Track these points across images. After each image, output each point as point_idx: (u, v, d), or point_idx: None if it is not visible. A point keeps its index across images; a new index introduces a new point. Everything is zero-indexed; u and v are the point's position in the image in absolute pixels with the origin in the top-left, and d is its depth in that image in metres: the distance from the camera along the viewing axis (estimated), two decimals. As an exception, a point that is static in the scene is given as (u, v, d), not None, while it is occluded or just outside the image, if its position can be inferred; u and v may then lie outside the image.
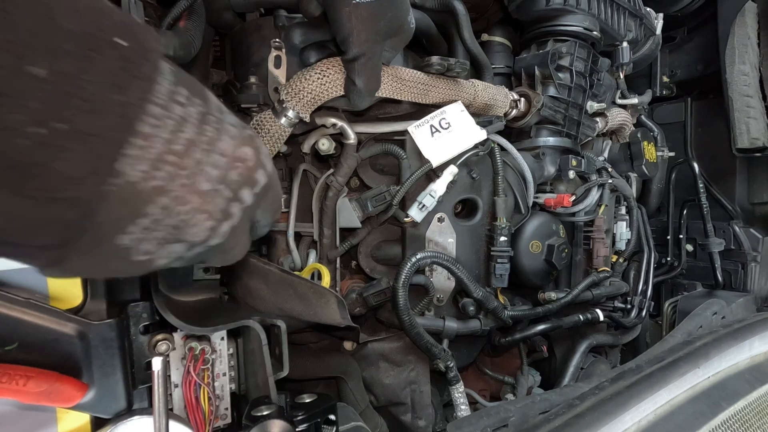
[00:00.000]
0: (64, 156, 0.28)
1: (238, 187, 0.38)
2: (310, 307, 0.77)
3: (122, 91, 0.29)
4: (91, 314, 0.61)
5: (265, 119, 0.80)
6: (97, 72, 0.28)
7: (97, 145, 0.28)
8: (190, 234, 0.36)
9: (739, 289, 1.50)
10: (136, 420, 0.61)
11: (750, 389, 0.85)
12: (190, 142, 0.34)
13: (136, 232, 0.33)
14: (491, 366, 1.31)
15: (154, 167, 0.31)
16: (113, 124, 0.29)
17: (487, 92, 1.02)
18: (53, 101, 0.27)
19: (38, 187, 0.27)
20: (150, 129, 0.31)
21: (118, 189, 0.30)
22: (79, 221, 0.30)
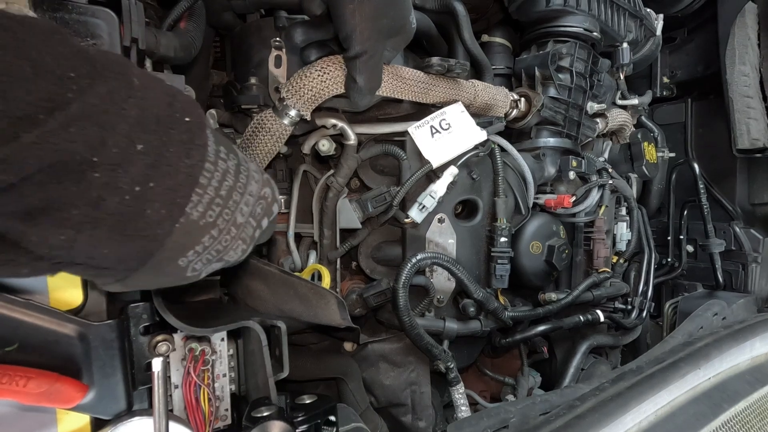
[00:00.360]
0: (152, 206, 0.39)
1: (261, 218, 0.51)
2: (311, 308, 0.77)
3: (189, 156, 0.41)
4: (91, 315, 0.60)
5: (266, 118, 0.80)
6: (174, 143, 0.40)
7: (173, 197, 0.40)
8: (228, 256, 0.48)
9: (739, 289, 1.50)
10: (136, 421, 0.61)
11: (751, 390, 0.85)
12: (231, 188, 0.45)
13: (191, 255, 0.44)
14: (492, 367, 1.31)
15: (207, 208, 0.43)
16: (183, 181, 0.40)
17: (487, 92, 1.02)
18: (148, 167, 0.37)
19: (134, 228, 0.38)
20: (205, 181, 0.42)
21: (184, 225, 0.41)
22: (154, 251, 0.41)
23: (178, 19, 0.83)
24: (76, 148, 0.34)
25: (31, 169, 0.32)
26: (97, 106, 0.35)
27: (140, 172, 0.37)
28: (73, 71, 0.34)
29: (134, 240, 0.39)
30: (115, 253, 0.39)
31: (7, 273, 0.39)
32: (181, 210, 0.41)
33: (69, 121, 0.33)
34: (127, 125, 0.36)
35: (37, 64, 0.32)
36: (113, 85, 0.36)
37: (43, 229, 0.35)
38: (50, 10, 0.57)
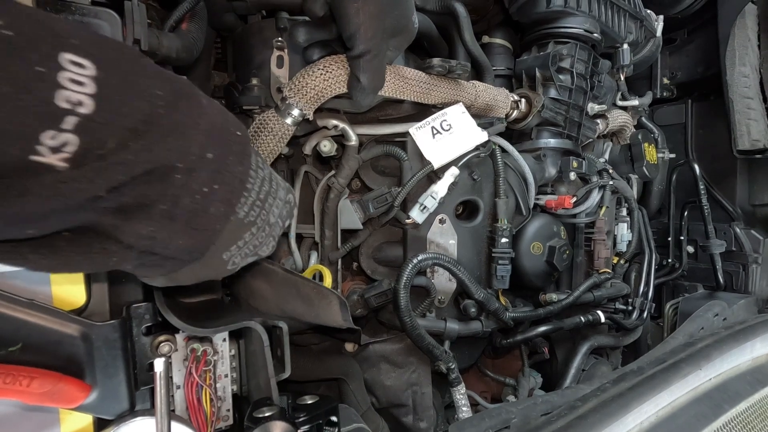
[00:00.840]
0: (214, 204, 0.45)
1: (286, 219, 0.58)
2: (312, 309, 0.77)
3: (242, 164, 0.47)
4: (94, 315, 0.61)
5: (269, 118, 0.80)
6: (232, 153, 0.46)
7: (229, 197, 0.46)
8: (261, 250, 0.55)
9: (740, 290, 1.50)
10: (138, 421, 0.61)
11: (752, 391, 0.85)
12: (267, 193, 0.52)
13: (234, 250, 0.50)
14: (492, 367, 1.31)
15: (251, 208, 0.50)
16: (237, 185, 0.47)
17: (488, 93, 1.02)
18: (213, 172, 0.44)
19: (200, 223, 0.44)
20: (250, 185, 0.49)
21: (232, 223, 0.48)
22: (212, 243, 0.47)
23: (179, 20, 0.83)
24: (170, 156, 0.40)
25: (136, 173, 0.38)
26: (182, 122, 0.41)
27: (207, 176, 0.43)
28: (161, 90, 0.40)
29: (200, 233, 0.45)
30: (185, 244, 0.45)
31: (99, 262, 0.43)
32: (233, 209, 0.47)
33: (165, 133, 0.39)
34: (202, 137, 0.42)
35: (135, 85, 0.37)
36: (190, 103, 0.43)
37: (135, 222, 0.41)
38: (54, 11, 0.57)
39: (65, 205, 0.35)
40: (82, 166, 0.34)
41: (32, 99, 0.31)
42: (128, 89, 0.37)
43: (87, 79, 0.33)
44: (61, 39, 0.33)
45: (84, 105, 0.33)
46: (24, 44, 0.31)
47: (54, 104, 0.31)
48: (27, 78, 0.31)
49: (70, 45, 0.33)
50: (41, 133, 0.31)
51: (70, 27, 0.34)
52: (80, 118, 0.33)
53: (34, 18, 0.32)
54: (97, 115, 0.34)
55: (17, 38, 0.30)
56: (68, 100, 0.32)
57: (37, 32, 0.32)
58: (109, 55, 0.36)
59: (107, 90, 0.35)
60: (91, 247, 0.42)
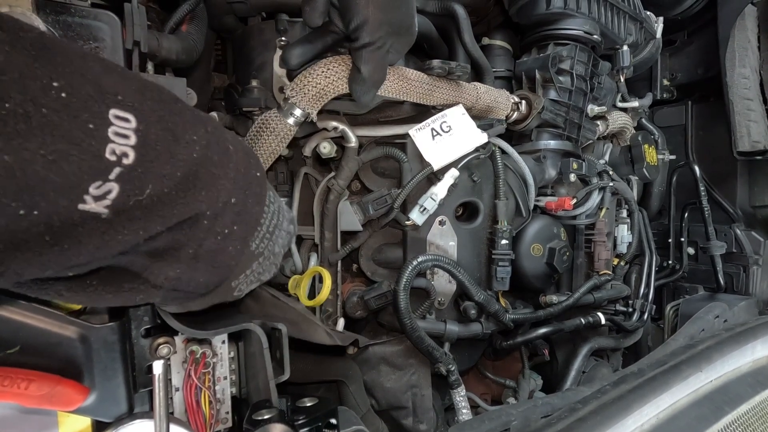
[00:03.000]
0: (233, 243, 0.47)
1: (286, 248, 0.60)
2: (300, 331, 0.78)
3: (259, 204, 0.50)
4: (92, 317, 0.60)
5: (271, 118, 0.79)
6: (252, 195, 0.48)
7: (245, 236, 0.49)
8: (264, 277, 0.57)
9: (741, 292, 1.50)
10: (137, 423, 0.61)
11: (753, 393, 0.85)
12: (276, 226, 0.54)
13: (242, 278, 0.53)
14: (493, 369, 1.31)
15: (261, 241, 0.52)
16: (253, 223, 0.50)
17: (490, 95, 1.02)
18: (235, 215, 0.46)
19: (219, 262, 0.47)
20: (264, 220, 0.51)
21: (245, 256, 0.50)
22: (226, 278, 0.50)
23: (179, 22, 0.83)
24: (202, 207, 0.42)
25: (173, 222, 0.40)
26: (215, 173, 0.43)
27: (230, 219, 0.45)
28: (195, 134, 0.41)
29: (219, 269, 0.48)
30: (205, 281, 0.47)
31: (127, 299, 0.45)
32: (248, 245, 0.50)
33: (201, 185, 0.41)
34: (230, 184, 0.44)
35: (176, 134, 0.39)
36: (221, 148, 0.44)
37: (165, 264, 0.43)
38: (53, 13, 0.57)
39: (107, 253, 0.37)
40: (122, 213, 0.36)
41: (85, 154, 0.33)
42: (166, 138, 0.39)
43: (130, 132, 0.36)
44: (109, 96, 0.35)
45: (128, 156, 0.35)
46: (78, 104, 0.33)
47: (104, 158, 0.34)
48: (80, 135, 0.33)
49: (117, 101, 0.35)
50: (90, 184, 0.33)
51: (115, 82, 0.36)
52: (123, 168, 0.35)
53: (86, 77, 0.34)
54: (138, 164, 0.36)
55: (72, 99, 0.33)
56: (114, 152, 0.34)
57: (89, 92, 0.34)
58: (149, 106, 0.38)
59: (147, 140, 0.37)
60: (121, 287, 0.44)
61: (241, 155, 0.47)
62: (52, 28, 0.56)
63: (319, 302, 0.88)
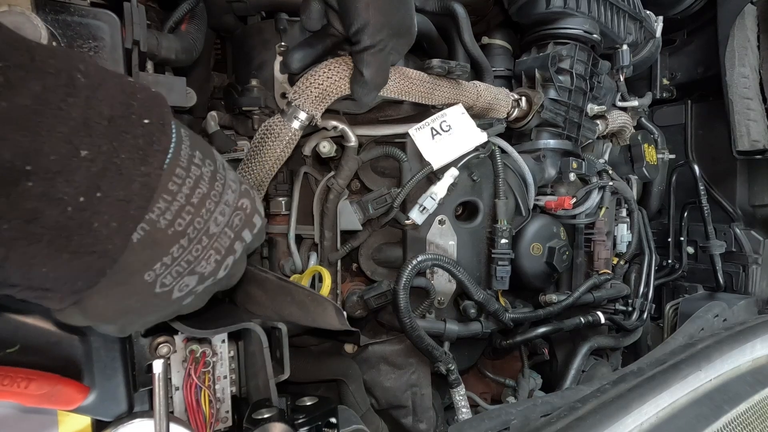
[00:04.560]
0: (100, 218, 0.35)
1: (240, 230, 0.48)
2: (308, 314, 0.77)
3: (146, 163, 0.37)
4: (92, 317, 0.61)
5: (274, 124, 0.79)
6: (127, 149, 0.35)
7: (125, 208, 0.36)
8: (200, 267, 0.44)
9: (740, 291, 1.50)
10: (137, 423, 0.61)
11: (752, 392, 0.85)
12: (204, 196, 0.42)
13: (159, 269, 0.40)
14: (492, 369, 1.31)
15: (177, 216, 0.40)
16: (138, 190, 0.36)
17: (490, 93, 1.02)
18: (93, 176, 0.34)
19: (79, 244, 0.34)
20: (175, 187, 0.39)
21: (149, 233, 0.38)
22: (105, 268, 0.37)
23: (179, 21, 0.83)
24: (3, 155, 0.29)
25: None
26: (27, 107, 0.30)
27: (85, 181, 0.33)
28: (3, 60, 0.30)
29: (80, 257, 0.35)
30: (56, 271, 0.35)
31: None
32: (136, 222, 0.37)
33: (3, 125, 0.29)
34: (67, 128, 0.32)
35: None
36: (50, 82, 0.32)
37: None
38: (52, 12, 0.57)
39: None
40: None
41: None
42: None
43: None
44: None
45: None
46: None
47: None
48: None
49: None
50: None
51: None
52: None
53: None
54: None
55: None
56: None
57: None
58: None
59: None
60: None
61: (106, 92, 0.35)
62: (52, 27, 0.56)
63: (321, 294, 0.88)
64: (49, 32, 0.54)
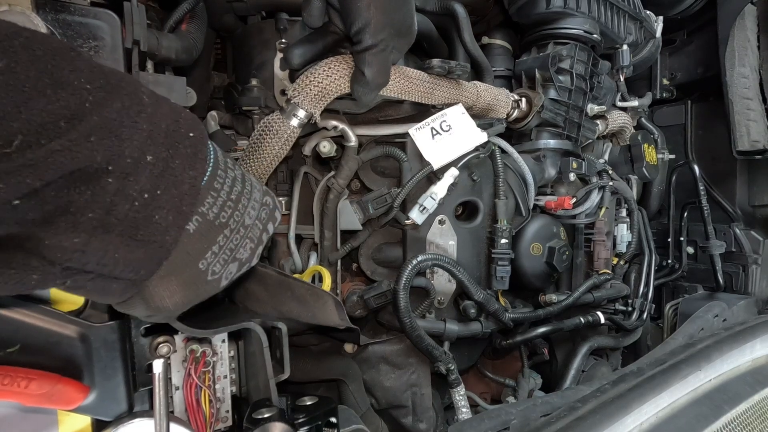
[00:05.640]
0: (160, 212, 0.41)
1: (267, 222, 0.55)
2: (308, 309, 0.77)
3: (193, 168, 0.44)
4: (92, 316, 0.60)
5: (273, 121, 0.79)
6: (179, 156, 0.43)
7: (179, 205, 0.43)
8: (239, 254, 0.51)
9: (740, 291, 1.50)
10: (137, 422, 0.61)
11: (752, 392, 0.85)
12: (240, 193, 0.50)
13: (210, 257, 0.47)
14: (492, 369, 1.31)
15: (222, 209, 0.47)
16: (188, 190, 0.43)
17: (490, 93, 1.02)
18: (156, 177, 0.40)
19: (143, 234, 0.40)
20: (219, 185, 0.47)
21: (201, 225, 0.45)
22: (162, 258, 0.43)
23: (179, 21, 0.83)
24: (95, 156, 0.36)
25: (54, 175, 0.34)
26: (114, 120, 0.37)
27: (149, 181, 0.40)
28: (90, 83, 0.36)
29: (145, 245, 0.41)
30: (125, 258, 0.40)
31: (17, 280, 0.38)
32: (188, 215, 0.44)
33: (90, 131, 0.35)
34: (140, 137, 0.39)
35: (54, 75, 0.34)
36: (126, 100, 0.38)
37: (59, 231, 0.36)
38: (53, 11, 0.57)
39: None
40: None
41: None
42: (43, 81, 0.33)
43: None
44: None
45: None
46: None
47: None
48: None
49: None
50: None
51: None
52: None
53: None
54: None
55: None
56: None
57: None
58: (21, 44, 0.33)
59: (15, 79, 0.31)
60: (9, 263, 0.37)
61: (163, 110, 0.42)
62: (52, 26, 0.56)
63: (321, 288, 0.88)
64: (49, 32, 0.54)
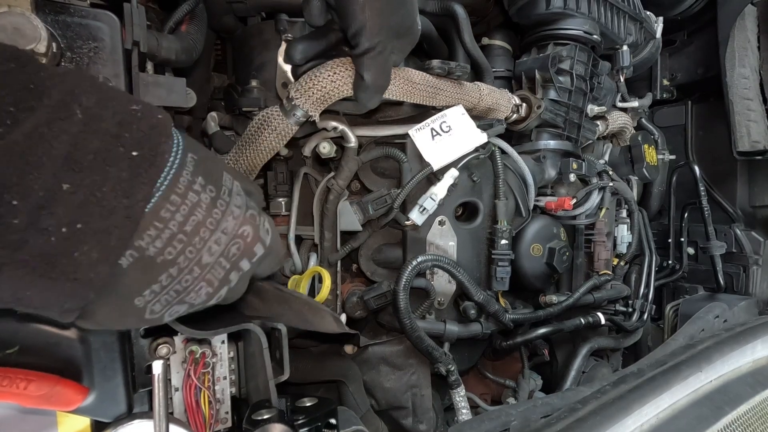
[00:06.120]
0: (80, 248, 0.35)
1: (238, 260, 0.46)
2: (306, 322, 0.77)
3: (130, 195, 0.36)
4: (91, 317, 0.61)
5: (273, 115, 0.79)
6: (111, 183, 0.35)
7: (105, 239, 0.36)
8: (189, 298, 0.44)
9: (740, 292, 1.50)
10: (136, 424, 0.61)
11: (752, 393, 0.85)
12: (199, 224, 0.41)
13: (148, 295, 0.41)
14: (492, 369, 1.31)
15: (168, 244, 0.39)
16: (120, 222, 0.36)
17: (492, 96, 1.02)
18: (75, 208, 0.34)
19: (61, 272, 0.35)
20: (168, 214, 0.39)
21: (138, 260, 0.38)
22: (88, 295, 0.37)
23: (179, 22, 0.83)
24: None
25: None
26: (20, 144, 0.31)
27: (66, 213, 0.34)
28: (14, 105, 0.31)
29: (63, 283, 0.35)
30: (40, 295, 0.35)
31: None
32: (120, 251, 0.37)
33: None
34: (53, 165, 0.33)
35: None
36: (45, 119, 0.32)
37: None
38: (52, 13, 0.57)
39: None
40: None
41: None
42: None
43: None
44: None
45: None
46: None
47: None
48: None
49: None
50: None
51: None
52: None
53: None
54: None
55: None
56: None
57: None
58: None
59: None
60: None
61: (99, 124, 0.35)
62: (51, 28, 0.56)
63: (319, 302, 0.88)
64: (48, 33, 0.54)
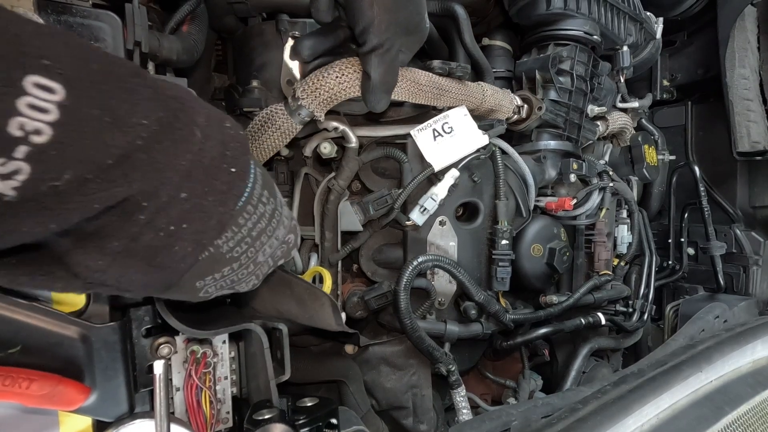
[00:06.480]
0: (181, 243, 0.42)
1: (279, 260, 0.56)
2: (306, 310, 0.77)
3: (224, 204, 0.44)
4: (93, 317, 0.60)
5: (276, 113, 0.79)
6: (213, 193, 0.42)
7: (200, 238, 0.43)
8: (239, 286, 0.52)
9: (741, 292, 1.50)
10: (137, 423, 0.61)
11: (753, 393, 0.85)
12: (262, 231, 0.49)
13: (209, 280, 0.48)
14: (493, 370, 1.31)
15: (237, 244, 0.47)
16: (214, 226, 0.44)
17: (495, 97, 1.02)
18: (184, 212, 0.41)
19: (161, 261, 0.42)
20: (243, 221, 0.47)
21: (212, 254, 0.45)
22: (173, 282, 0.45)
23: (180, 22, 0.84)
24: (133, 194, 0.37)
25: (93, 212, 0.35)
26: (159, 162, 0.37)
27: (177, 215, 0.40)
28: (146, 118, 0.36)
29: (160, 270, 0.43)
30: (140, 280, 0.42)
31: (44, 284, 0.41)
32: (205, 247, 0.44)
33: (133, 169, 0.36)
34: (178, 177, 0.39)
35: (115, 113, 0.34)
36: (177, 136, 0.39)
37: (86, 252, 0.39)
38: (54, 13, 0.57)
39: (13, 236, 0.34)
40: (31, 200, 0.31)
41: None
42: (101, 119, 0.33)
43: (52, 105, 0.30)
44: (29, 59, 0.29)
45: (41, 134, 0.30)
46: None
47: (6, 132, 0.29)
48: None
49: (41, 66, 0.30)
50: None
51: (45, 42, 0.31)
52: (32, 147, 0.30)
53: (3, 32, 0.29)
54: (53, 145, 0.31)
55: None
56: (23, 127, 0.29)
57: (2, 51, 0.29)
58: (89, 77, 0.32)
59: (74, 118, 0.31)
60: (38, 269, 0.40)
61: (212, 143, 0.42)
62: (54, 28, 0.57)
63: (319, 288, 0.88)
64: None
